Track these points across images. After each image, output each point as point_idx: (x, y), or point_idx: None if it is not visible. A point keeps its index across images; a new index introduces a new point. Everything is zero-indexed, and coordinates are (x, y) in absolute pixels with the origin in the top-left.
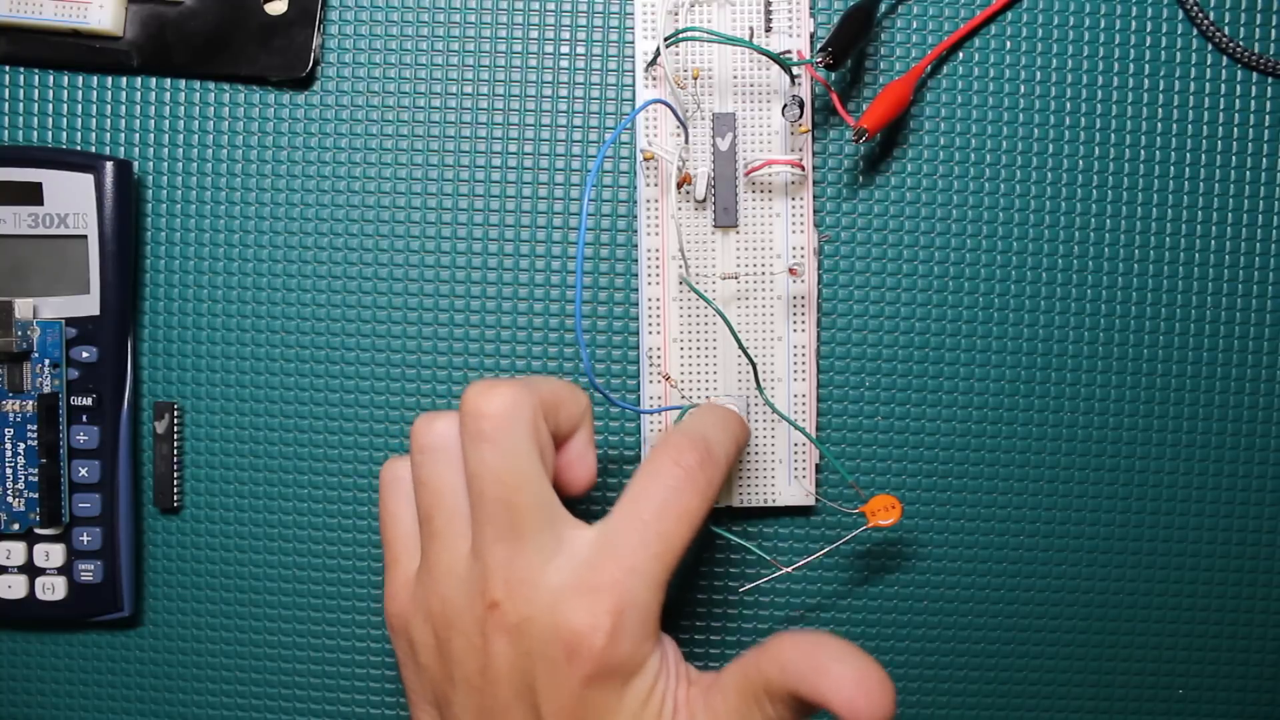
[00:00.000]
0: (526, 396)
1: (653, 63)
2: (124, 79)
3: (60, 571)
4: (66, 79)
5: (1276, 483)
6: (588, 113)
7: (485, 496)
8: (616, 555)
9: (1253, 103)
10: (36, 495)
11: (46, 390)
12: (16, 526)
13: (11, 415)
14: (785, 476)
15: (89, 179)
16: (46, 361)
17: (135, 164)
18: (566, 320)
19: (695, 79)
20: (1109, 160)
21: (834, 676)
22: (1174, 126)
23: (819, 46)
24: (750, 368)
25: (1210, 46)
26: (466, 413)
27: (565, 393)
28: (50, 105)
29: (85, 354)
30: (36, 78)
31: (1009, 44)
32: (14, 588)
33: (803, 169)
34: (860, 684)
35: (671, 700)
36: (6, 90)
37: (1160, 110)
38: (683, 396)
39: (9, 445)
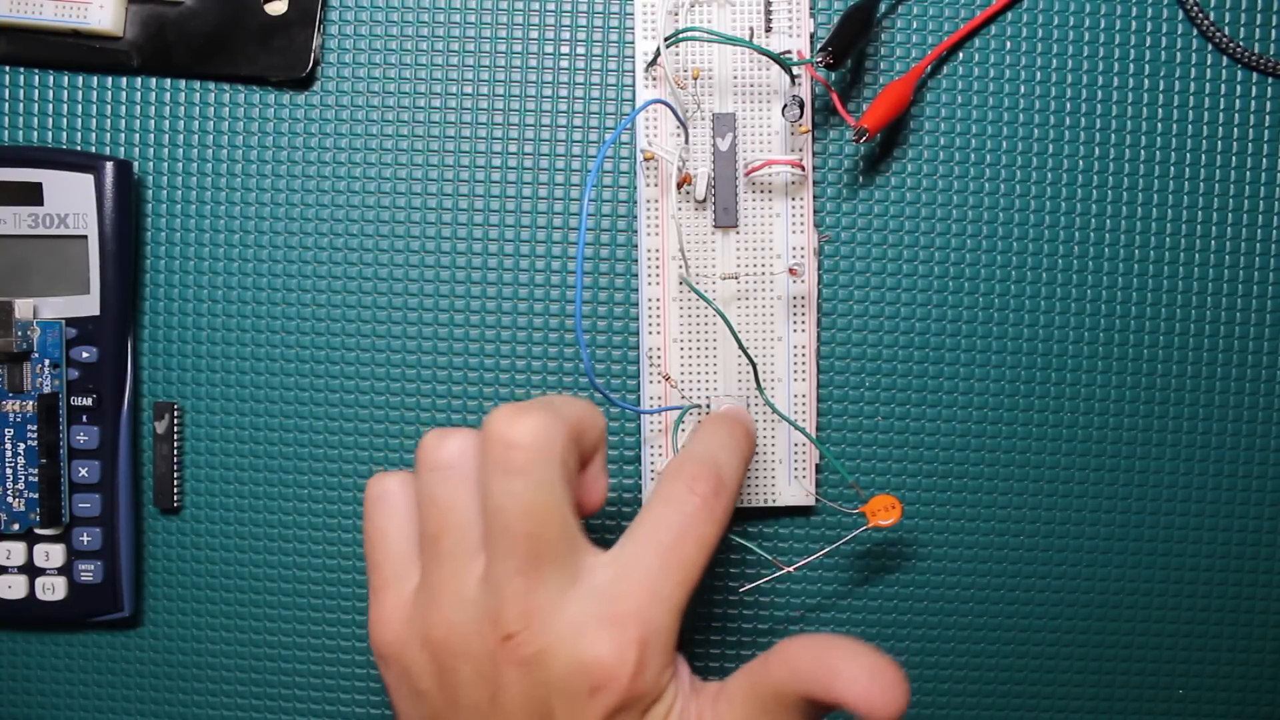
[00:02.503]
0: (557, 426)
1: (653, 63)
2: (124, 79)
3: (60, 571)
4: (66, 79)
5: (1276, 483)
6: (588, 113)
7: (510, 528)
8: (639, 583)
9: (1253, 103)
10: (36, 495)
11: (46, 390)
12: (16, 526)
13: (11, 415)
14: (785, 476)
15: (89, 179)
16: (46, 361)
17: (135, 164)
18: (566, 321)
19: (695, 79)
20: (1109, 160)
21: (847, 674)
22: (1174, 126)
23: (819, 46)
24: (750, 368)
25: (1210, 46)
26: (494, 441)
27: (588, 416)
28: (50, 105)
29: (85, 354)
30: (36, 78)
31: (1009, 44)
32: (14, 588)
33: (803, 169)
34: (874, 679)
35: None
36: (6, 90)
37: (1160, 110)
38: (683, 396)
39: (9, 445)
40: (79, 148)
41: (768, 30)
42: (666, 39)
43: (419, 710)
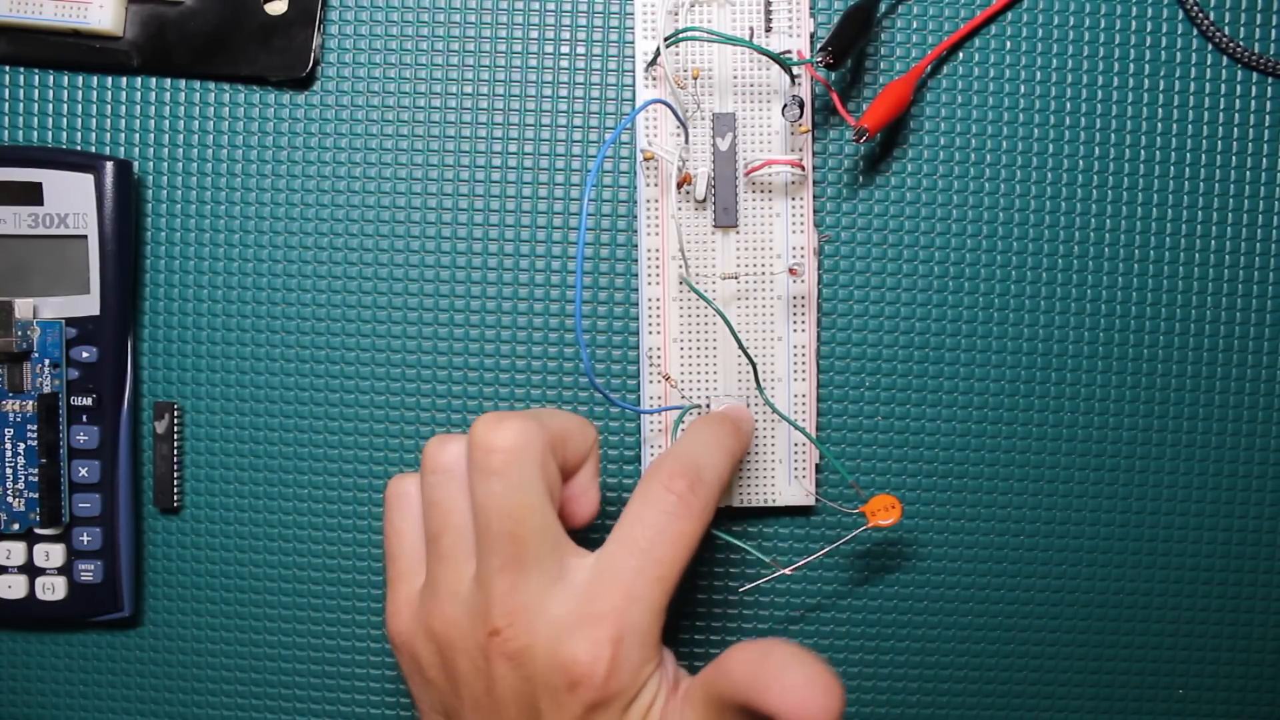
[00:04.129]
0: (536, 431)
1: (653, 63)
2: (124, 79)
3: (60, 571)
4: (66, 79)
5: (1276, 483)
6: (588, 113)
7: (491, 528)
8: (615, 583)
9: (1253, 103)
10: (36, 495)
11: (46, 390)
12: (16, 526)
13: (11, 415)
14: (785, 476)
15: (89, 179)
16: (46, 361)
17: (135, 164)
18: (566, 320)
19: (695, 79)
20: (1109, 160)
21: (778, 687)
22: (1174, 126)
23: (819, 46)
24: (750, 368)
25: (1210, 46)
26: (475, 446)
27: (575, 427)
28: (50, 105)
29: (85, 354)
30: (36, 78)
31: (1009, 44)
32: (14, 588)
33: (803, 169)
34: (805, 689)
35: (667, 717)
36: (6, 90)
37: (1160, 110)
38: (683, 396)
39: (9, 445)
40: (79, 148)
41: (768, 30)
42: (666, 39)
43: (430, 696)
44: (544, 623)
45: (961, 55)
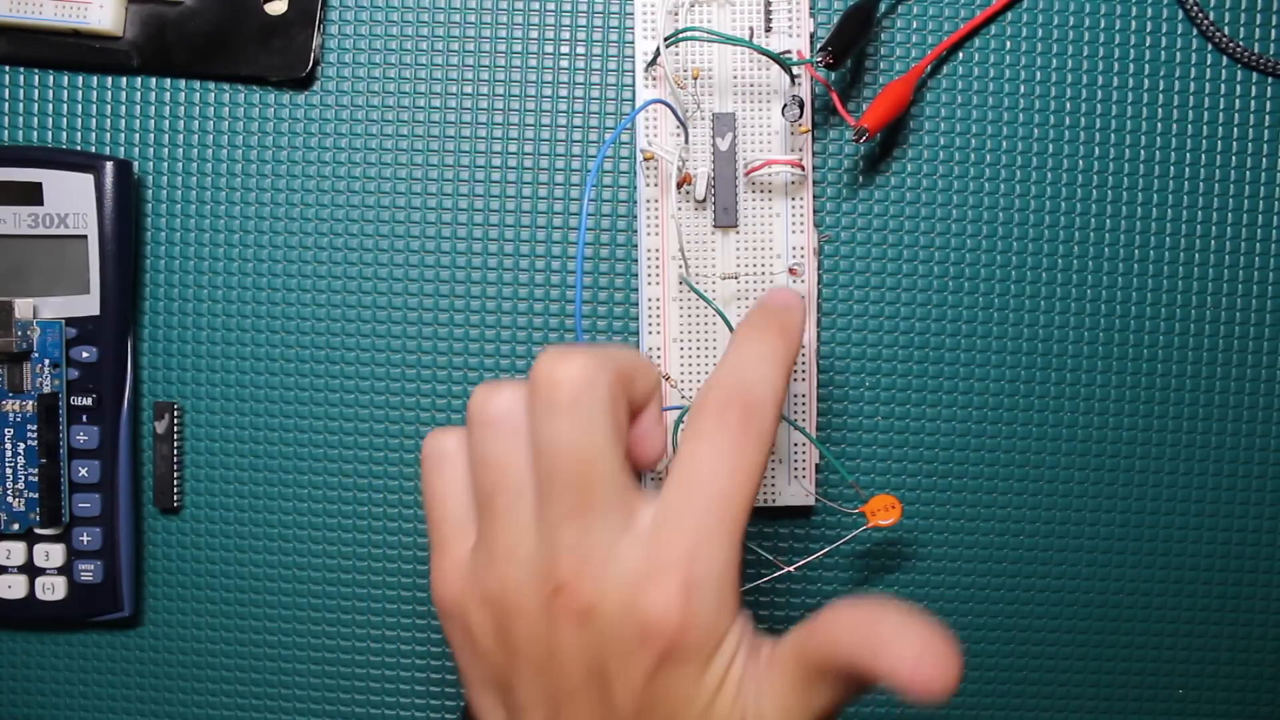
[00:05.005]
0: (604, 364)
1: (653, 63)
2: (124, 79)
3: (60, 571)
4: (66, 79)
5: (1276, 483)
6: (588, 113)
7: (557, 472)
8: (680, 527)
9: (1253, 103)
10: (36, 495)
11: (46, 390)
12: (16, 526)
13: (11, 415)
14: (785, 476)
15: (89, 179)
16: (46, 361)
17: (135, 164)
18: (566, 320)
19: (695, 79)
20: (1109, 160)
21: (892, 651)
22: (1174, 126)
23: (819, 46)
24: None
25: (1210, 46)
26: (539, 382)
27: (639, 364)
28: (50, 105)
29: (85, 354)
30: (36, 78)
31: (1009, 44)
32: (14, 588)
33: (803, 169)
34: (923, 655)
35: (747, 682)
36: (6, 90)
37: (1160, 110)
38: (683, 396)
39: (9, 445)
40: (79, 148)
41: (768, 30)
42: (666, 39)
43: (481, 668)
44: (612, 574)
45: (961, 55)
